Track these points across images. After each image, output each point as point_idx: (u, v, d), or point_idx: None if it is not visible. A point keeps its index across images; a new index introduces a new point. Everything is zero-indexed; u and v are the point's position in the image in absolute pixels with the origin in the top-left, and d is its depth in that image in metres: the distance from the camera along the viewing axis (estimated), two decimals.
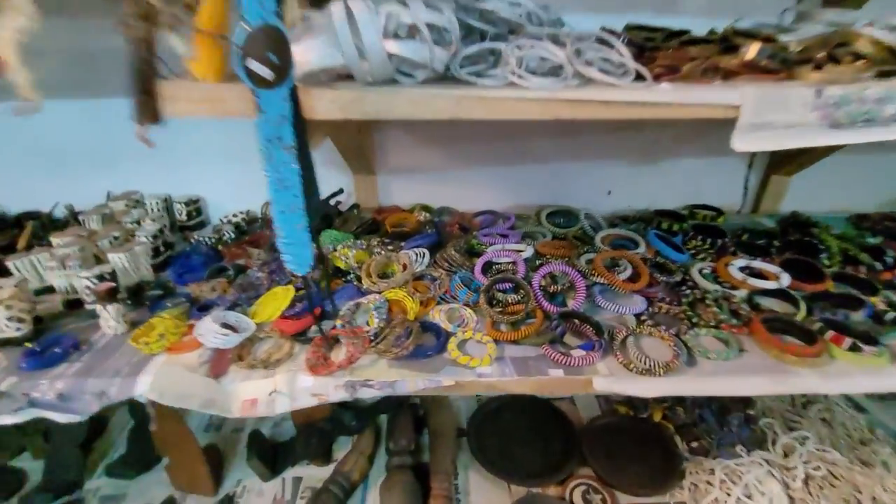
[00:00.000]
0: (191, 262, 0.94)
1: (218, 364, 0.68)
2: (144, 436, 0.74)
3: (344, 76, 0.54)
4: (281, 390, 0.65)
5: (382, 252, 0.91)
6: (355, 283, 0.88)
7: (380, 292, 0.82)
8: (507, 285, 0.84)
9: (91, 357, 0.69)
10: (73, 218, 1.02)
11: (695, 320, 0.78)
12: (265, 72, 0.41)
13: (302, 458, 1.14)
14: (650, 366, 0.67)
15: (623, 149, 1.16)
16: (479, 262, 0.89)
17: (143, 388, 0.64)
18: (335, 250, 0.91)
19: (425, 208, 1.16)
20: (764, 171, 1.22)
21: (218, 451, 1.12)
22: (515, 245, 0.97)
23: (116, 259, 0.82)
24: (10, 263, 0.80)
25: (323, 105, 0.50)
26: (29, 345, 0.69)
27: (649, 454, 1.04)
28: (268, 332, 0.74)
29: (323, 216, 1.08)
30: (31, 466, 1.13)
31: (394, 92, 0.50)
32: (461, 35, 0.58)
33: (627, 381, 0.67)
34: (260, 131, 0.44)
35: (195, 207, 1.11)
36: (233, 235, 1.05)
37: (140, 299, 0.81)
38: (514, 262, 0.89)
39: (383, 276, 0.88)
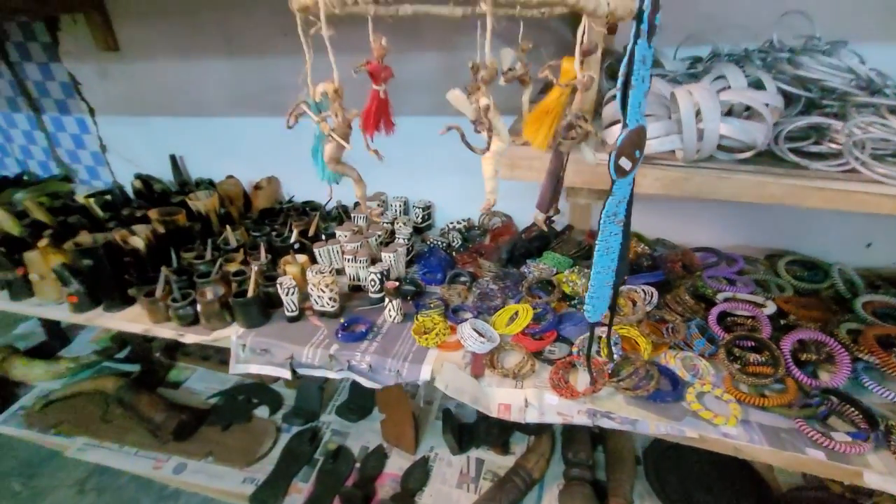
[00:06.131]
0: (429, 263, 1.11)
1: (476, 366, 0.82)
2: (362, 389, 0.90)
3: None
4: (532, 402, 0.76)
5: None
6: (579, 309, 0.94)
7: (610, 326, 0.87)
8: (749, 343, 0.81)
9: (383, 340, 0.89)
10: (343, 213, 1.29)
11: None
12: (627, 165, 0.48)
13: (483, 443, 1.29)
14: None
15: None
16: (713, 312, 0.87)
17: (426, 375, 0.80)
18: (559, 273, 0.99)
19: (639, 237, 1.16)
20: None
21: (415, 418, 1.32)
22: (750, 296, 0.92)
23: (387, 257, 1.02)
24: (316, 250, 1.05)
25: (647, 182, 0.55)
26: (341, 320, 0.91)
27: None
28: (510, 345, 0.85)
29: (540, 236, 1.17)
30: (284, 392, 1.50)
31: (723, 177, 0.53)
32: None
33: None
34: (605, 209, 0.51)
35: (428, 212, 1.30)
36: (459, 241, 1.20)
37: (399, 294, 1.00)
38: (754, 318, 0.86)
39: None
